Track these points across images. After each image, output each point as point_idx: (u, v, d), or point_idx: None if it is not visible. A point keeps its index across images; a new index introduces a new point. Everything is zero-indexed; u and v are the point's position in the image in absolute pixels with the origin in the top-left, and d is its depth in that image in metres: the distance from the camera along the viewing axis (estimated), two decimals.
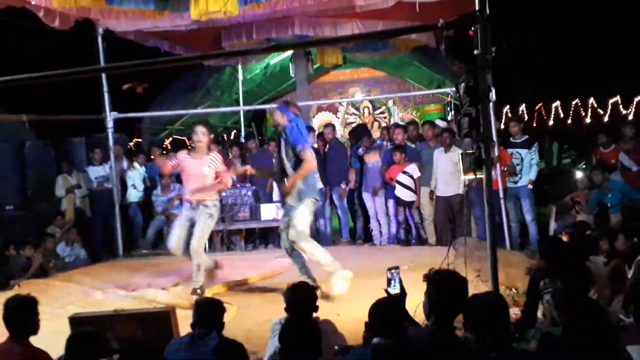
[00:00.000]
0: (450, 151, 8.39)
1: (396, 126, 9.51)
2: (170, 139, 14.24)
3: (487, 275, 4.75)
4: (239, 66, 13.16)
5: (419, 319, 3.74)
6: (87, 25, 8.70)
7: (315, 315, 3.65)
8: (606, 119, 13.87)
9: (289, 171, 5.89)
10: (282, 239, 6.02)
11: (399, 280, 3.84)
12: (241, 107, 13.46)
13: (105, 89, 9.08)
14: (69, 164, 10.07)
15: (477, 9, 4.46)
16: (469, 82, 4.38)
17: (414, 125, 9.84)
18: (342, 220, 9.52)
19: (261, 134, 14.79)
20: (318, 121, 14.64)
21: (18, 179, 10.28)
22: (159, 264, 8.07)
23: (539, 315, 4.54)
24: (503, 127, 10.74)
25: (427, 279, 3.27)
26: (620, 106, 13.78)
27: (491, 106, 6.55)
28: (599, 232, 6.33)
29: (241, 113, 13.87)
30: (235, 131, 14.98)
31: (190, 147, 6.72)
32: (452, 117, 12.41)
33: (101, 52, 8.94)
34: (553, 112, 14.57)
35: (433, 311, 3.15)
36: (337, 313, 4.92)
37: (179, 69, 13.25)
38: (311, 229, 9.20)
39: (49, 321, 4.33)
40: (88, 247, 9.39)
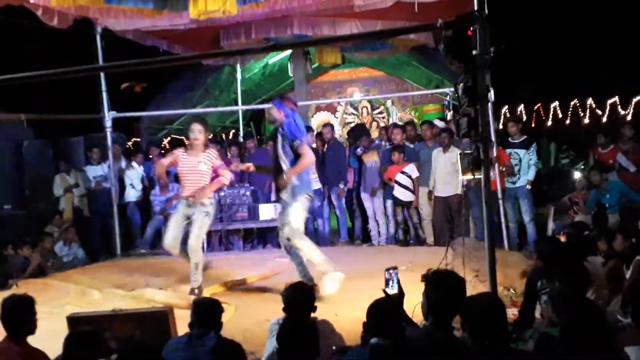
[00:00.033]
0: (448, 151, 8.39)
1: (395, 126, 9.52)
2: (169, 138, 14.23)
3: (485, 276, 4.75)
4: (238, 65, 13.15)
5: (417, 319, 3.74)
6: (85, 24, 8.69)
7: (313, 316, 3.65)
8: (604, 119, 13.89)
9: (285, 167, 5.86)
10: (280, 237, 6.02)
11: (397, 281, 3.84)
12: (240, 107, 13.45)
13: (103, 88, 9.07)
14: (67, 163, 10.07)
15: (476, 9, 4.46)
16: (468, 82, 4.38)
17: (411, 126, 9.85)
18: (340, 220, 9.52)
19: (260, 133, 14.79)
20: (316, 121, 14.63)
21: (16, 178, 10.26)
22: (157, 263, 8.07)
23: (537, 316, 4.54)
24: (501, 127, 10.74)
25: (425, 279, 3.27)
26: (619, 107, 13.80)
27: (490, 106, 6.57)
28: (597, 233, 6.34)
29: (240, 112, 13.86)
30: (234, 131, 14.97)
31: (187, 145, 6.70)
32: (450, 117, 12.42)
33: (99, 51, 8.92)
34: (552, 112, 14.58)
35: (431, 311, 3.15)
36: (335, 313, 4.91)
37: (178, 69, 13.24)
38: (309, 229, 9.34)
39: (46, 321, 4.33)
40: (86, 246, 9.38)
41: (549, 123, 14.60)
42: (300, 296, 3.66)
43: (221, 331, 3.52)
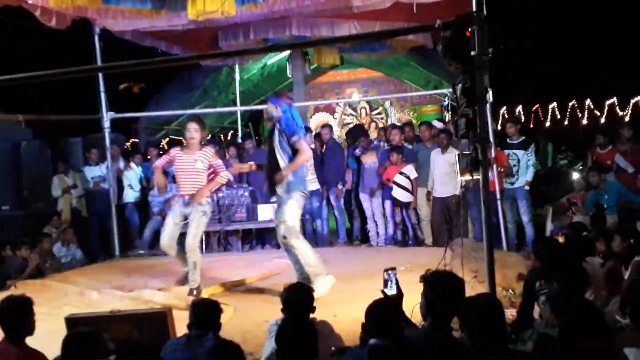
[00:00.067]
0: (447, 152, 8.39)
1: (393, 127, 9.52)
2: (167, 139, 14.23)
3: (483, 276, 4.75)
4: (236, 66, 13.16)
5: (415, 320, 3.74)
6: (84, 25, 8.68)
7: (312, 316, 3.65)
8: (603, 120, 13.91)
9: (282, 163, 5.83)
10: (277, 234, 6.02)
11: (396, 281, 3.84)
12: (238, 108, 13.45)
13: (102, 88, 9.06)
14: (65, 164, 10.05)
15: (474, 10, 4.46)
16: (466, 83, 4.38)
17: (409, 127, 9.85)
18: (339, 221, 9.51)
19: (258, 134, 14.79)
20: (315, 122, 14.64)
21: (14, 179, 10.25)
22: (156, 264, 8.06)
23: (536, 316, 4.54)
24: (500, 128, 10.75)
25: (424, 280, 3.27)
26: (617, 107, 13.83)
27: (488, 107, 6.59)
28: (595, 233, 6.36)
29: (238, 113, 13.86)
30: (233, 131, 14.97)
31: (183, 144, 6.70)
32: (449, 118, 12.43)
33: (98, 52, 8.92)
34: (550, 113, 14.60)
35: (430, 312, 3.15)
36: (334, 314, 4.91)
37: (176, 69, 13.24)
38: (308, 229, 9.34)
39: (45, 322, 4.32)
40: (84, 247, 9.37)
41: (547, 124, 14.62)
42: (299, 297, 3.66)
43: (220, 332, 3.52)
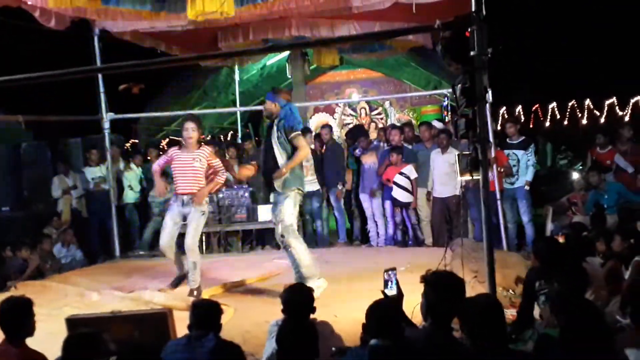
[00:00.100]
0: (447, 152, 8.39)
1: (393, 127, 9.52)
2: (167, 139, 14.21)
3: (484, 277, 4.75)
4: (236, 67, 13.15)
5: (416, 320, 3.74)
6: (83, 26, 8.67)
7: (313, 317, 3.65)
8: (602, 120, 13.91)
9: (280, 160, 5.80)
10: (275, 233, 6.01)
11: (396, 282, 3.84)
12: (238, 108, 13.44)
13: (101, 89, 9.05)
14: (65, 164, 10.05)
15: (474, 10, 4.46)
16: (466, 83, 4.39)
17: (409, 127, 9.85)
18: (339, 221, 9.51)
19: (258, 134, 14.76)
20: (315, 122, 14.61)
21: (14, 179, 10.26)
22: (156, 265, 8.05)
23: (536, 317, 4.54)
24: (499, 128, 10.75)
25: (424, 280, 3.27)
26: (617, 107, 13.82)
27: (488, 107, 6.59)
28: (595, 233, 6.36)
29: (238, 114, 13.85)
30: (232, 132, 14.96)
31: (181, 143, 6.71)
32: (449, 118, 12.42)
33: (97, 53, 8.91)
34: (549, 113, 14.60)
35: (430, 312, 3.15)
36: (335, 314, 4.91)
37: (176, 70, 13.21)
38: (308, 230, 9.34)
39: (45, 323, 4.32)
40: (84, 248, 9.37)
41: (547, 124, 14.62)
42: (300, 297, 3.66)
43: (220, 333, 3.52)
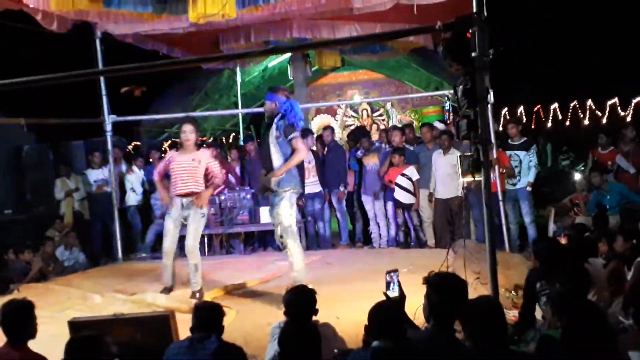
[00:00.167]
0: (448, 153, 8.39)
1: (394, 128, 9.54)
2: (169, 141, 14.23)
3: (486, 278, 4.75)
4: (237, 69, 13.16)
5: (418, 321, 3.74)
6: (85, 28, 8.68)
7: (315, 319, 3.65)
8: (604, 120, 13.89)
9: (276, 161, 5.77)
10: (275, 234, 6.01)
11: (398, 283, 3.84)
12: (239, 110, 13.46)
13: (103, 92, 9.06)
14: (67, 167, 10.06)
15: (475, 11, 4.46)
16: (467, 84, 4.38)
17: (409, 128, 9.86)
18: (341, 223, 9.51)
19: (260, 136, 14.77)
20: (317, 124, 14.64)
21: (17, 182, 10.28)
22: (158, 267, 7.98)
23: (538, 318, 4.53)
24: (501, 129, 10.75)
25: (426, 281, 3.27)
26: (619, 108, 13.81)
27: (489, 108, 6.58)
28: (597, 234, 6.35)
29: (240, 116, 13.87)
30: (234, 134, 14.97)
31: (179, 146, 6.71)
32: (450, 119, 12.42)
33: (99, 55, 8.93)
34: (551, 114, 14.59)
35: (433, 314, 3.15)
36: (337, 316, 4.90)
37: (177, 72, 13.22)
38: (310, 232, 9.34)
39: (47, 325, 4.33)
40: (87, 250, 9.37)
41: (549, 124, 14.60)
42: (302, 299, 3.66)
43: (222, 335, 3.52)
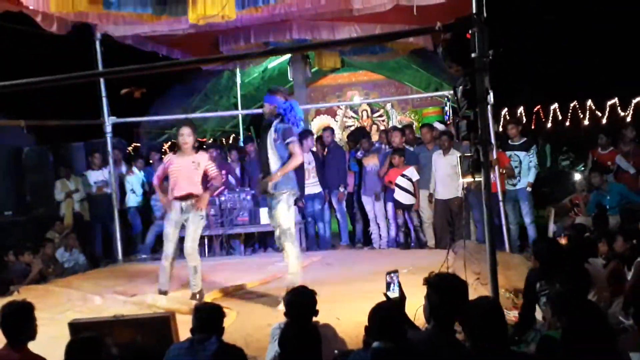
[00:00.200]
0: (448, 154, 8.39)
1: (394, 129, 9.54)
2: (169, 143, 14.24)
3: (486, 278, 4.75)
4: (237, 70, 13.16)
5: (419, 322, 3.74)
6: (85, 30, 8.69)
7: (315, 320, 3.64)
8: (604, 121, 13.90)
9: (273, 165, 5.78)
10: (275, 235, 6.00)
11: (398, 284, 3.84)
12: (239, 111, 13.46)
13: (103, 93, 9.06)
14: (67, 168, 10.06)
15: (475, 12, 4.46)
16: (467, 85, 4.38)
17: (409, 129, 9.87)
18: (341, 223, 9.52)
19: (260, 137, 14.77)
20: (316, 125, 14.65)
21: (17, 184, 10.27)
22: (158, 269, 8.03)
23: (539, 318, 4.53)
24: (501, 129, 10.74)
25: (427, 282, 3.26)
26: (619, 108, 13.81)
27: (489, 109, 6.59)
28: (597, 234, 6.35)
29: (239, 117, 13.87)
30: (234, 135, 14.98)
31: (176, 149, 6.72)
32: (450, 119, 12.42)
33: (99, 57, 8.93)
34: (551, 114, 14.59)
35: (433, 314, 3.15)
36: (337, 317, 4.90)
37: (177, 74, 13.24)
38: (311, 232, 9.33)
39: (48, 327, 4.33)
40: (87, 252, 9.37)
41: (549, 125, 14.60)
42: (302, 300, 3.65)
43: (223, 336, 3.52)
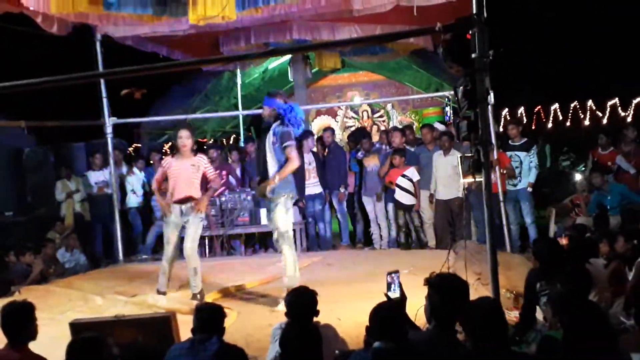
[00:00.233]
0: (449, 154, 8.38)
1: (394, 129, 9.54)
2: (170, 143, 14.24)
3: (487, 279, 4.75)
4: (238, 71, 13.17)
5: (419, 322, 3.74)
6: (85, 31, 8.70)
7: (316, 320, 3.64)
8: (605, 121, 13.90)
9: (271, 167, 5.77)
10: (273, 238, 6.00)
11: (399, 284, 3.84)
12: (240, 112, 13.47)
13: (104, 94, 9.07)
14: (67, 169, 10.07)
15: (475, 12, 4.46)
16: (467, 85, 4.38)
17: (410, 129, 9.87)
18: (342, 224, 9.52)
19: (260, 138, 14.77)
20: (317, 125, 14.65)
21: (17, 184, 10.27)
22: (159, 269, 8.04)
23: (540, 318, 4.53)
24: (502, 130, 10.74)
25: (428, 282, 3.27)
26: (619, 108, 13.81)
27: (490, 109, 6.59)
28: (598, 235, 6.35)
29: (240, 117, 13.88)
30: (235, 135, 14.99)
31: (175, 152, 6.72)
32: (450, 120, 12.43)
33: (99, 58, 8.94)
34: (552, 114, 14.59)
35: (434, 315, 3.15)
36: (338, 317, 4.91)
37: (178, 74, 13.25)
38: (311, 233, 9.33)
39: (48, 327, 4.33)
40: (88, 252, 9.37)
41: (550, 125, 14.61)
42: (303, 300, 3.65)
43: (224, 336, 3.52)
